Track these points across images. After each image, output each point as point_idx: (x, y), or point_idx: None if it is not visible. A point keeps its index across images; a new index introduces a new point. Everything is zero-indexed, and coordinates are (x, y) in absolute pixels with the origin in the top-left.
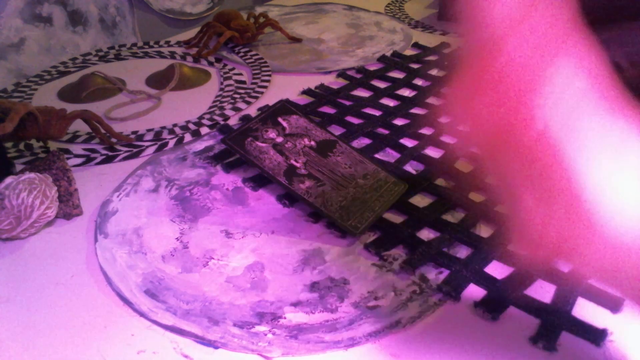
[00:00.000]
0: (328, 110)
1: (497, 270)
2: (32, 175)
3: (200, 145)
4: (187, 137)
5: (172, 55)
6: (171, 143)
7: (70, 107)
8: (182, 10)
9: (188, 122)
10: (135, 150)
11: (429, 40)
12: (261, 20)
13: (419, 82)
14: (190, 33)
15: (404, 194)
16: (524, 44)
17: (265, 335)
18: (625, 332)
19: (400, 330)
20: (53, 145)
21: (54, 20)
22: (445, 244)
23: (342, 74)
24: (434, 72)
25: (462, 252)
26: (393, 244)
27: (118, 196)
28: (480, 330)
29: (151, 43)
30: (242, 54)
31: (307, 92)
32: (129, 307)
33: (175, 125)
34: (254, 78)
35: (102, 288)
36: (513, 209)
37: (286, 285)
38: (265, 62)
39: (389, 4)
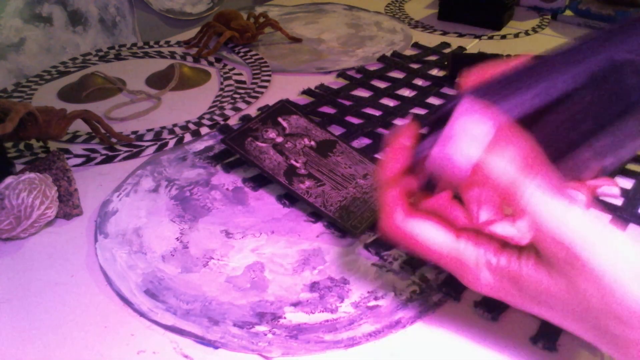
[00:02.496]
0: (328, 110)
1: None
2: (32, 175)
3: (200, 145)
4: (187, 137)
5: (172, 55)
6: (171, 143)
7: (70, 107)
8: (182, 10)
9: (188, 122)
10: (135, 150)
11: (429, 40)
12: (261, 20)
13: (419, 82)
14: (190, 33)
15: None
16: None
17: (265, 335)
18: None
19: (400, 330)
20: (53, 145)
21: (54, 20)
22: None
23: (342, 74)
24: (434, 72)
25: None
26: (393, 244)
27: (118, 196)
28: (480, 330)
29: (151, 43)
30: (242, 54)
31: (307, 92)
32: (129, 307)
33: (175, 125)
34: (254, 78)
35: (102, 288)
36: None
37: (286, 285)
38: (265, 62)
39: (389, 4)
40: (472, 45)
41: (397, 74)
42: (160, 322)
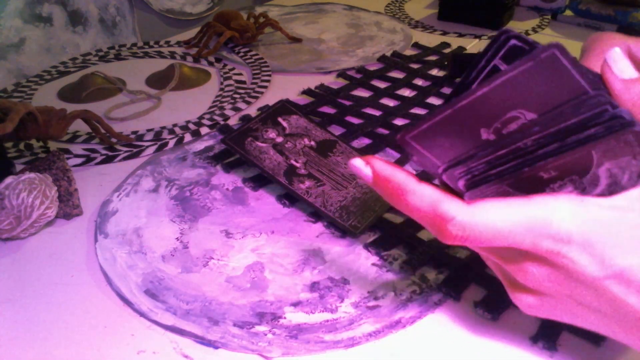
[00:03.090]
0: (328, 110)
1: None
2: (32, 175)
3: (200, 145)
4: (187, 137)
5: (172, 55)
6: (171, 143)
7: (70, 107)
8: (182, 10)
9: (188, 122)
10: (135, 150)
11: (429, 40)
12: (261, 20)
13: (419, 82)
14: (190, 33)
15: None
16: None
17: (265, 335)
18: None
19: (400, 330)
20: (53, 145)
21: (54, 20)
22: (445, 244)
23: (342, 74)
24: (434, 72)
25: (462, 252)
26: (393, 244)
27: (118, 196)
28: (480, 330)
29: (151, 43)
30: (242, 54)
31: (307, 92)
32: (129, 307)
33: (175, 125)
34: (254, 78)
35: (102, 288)
36: None
37: (286, 285)
38: (265, 62)
39: (389, 4)
40: (472, 45)
41: (397, 74)
42: (160, 322)
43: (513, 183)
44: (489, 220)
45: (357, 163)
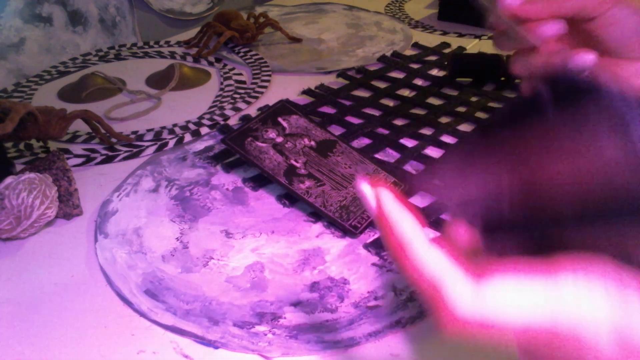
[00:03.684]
0: (328, 110)
1: None
2: (32, 175)
3: (200, 145)
4: (187, 137)
5: (172, 55)
6: (171, 143)
7: (70, 107)
8: (182, 10)
9: (188, 122)
10: (135, 150)
11: (429, 40)
12: (261, 20)
13: (419, 82)
14: (190, 33)
15: (404, 194)
16: None
17: (265, 335)
18: None
19: (400, 330)
20: (53, 145)
21: (54, 20)
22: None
23: (342, 74)
24: (434, 72)
25: None
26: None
27: (118, 196)
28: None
29: (151, 43)
30: (242, 54)
31: (307, 92)
32: (129, 307)
33: (175, 125)
34: (254, 78)
35: (102, 288)
36: None
37: (286, 285)
38: (265, 62)
39: (389, 4)
40: (472, 45)
41: (397, 74)
42: (160, 322)
43: (538, 235)
44: (499, 303)
45: (365, 188)
